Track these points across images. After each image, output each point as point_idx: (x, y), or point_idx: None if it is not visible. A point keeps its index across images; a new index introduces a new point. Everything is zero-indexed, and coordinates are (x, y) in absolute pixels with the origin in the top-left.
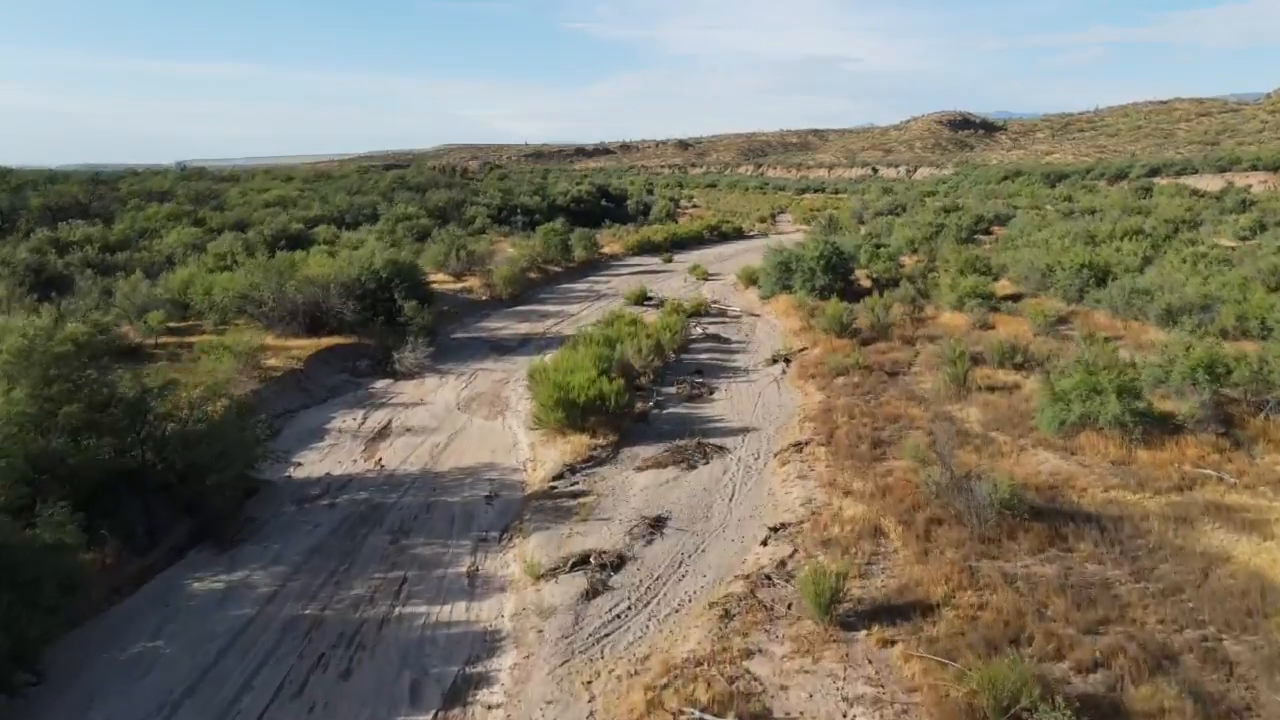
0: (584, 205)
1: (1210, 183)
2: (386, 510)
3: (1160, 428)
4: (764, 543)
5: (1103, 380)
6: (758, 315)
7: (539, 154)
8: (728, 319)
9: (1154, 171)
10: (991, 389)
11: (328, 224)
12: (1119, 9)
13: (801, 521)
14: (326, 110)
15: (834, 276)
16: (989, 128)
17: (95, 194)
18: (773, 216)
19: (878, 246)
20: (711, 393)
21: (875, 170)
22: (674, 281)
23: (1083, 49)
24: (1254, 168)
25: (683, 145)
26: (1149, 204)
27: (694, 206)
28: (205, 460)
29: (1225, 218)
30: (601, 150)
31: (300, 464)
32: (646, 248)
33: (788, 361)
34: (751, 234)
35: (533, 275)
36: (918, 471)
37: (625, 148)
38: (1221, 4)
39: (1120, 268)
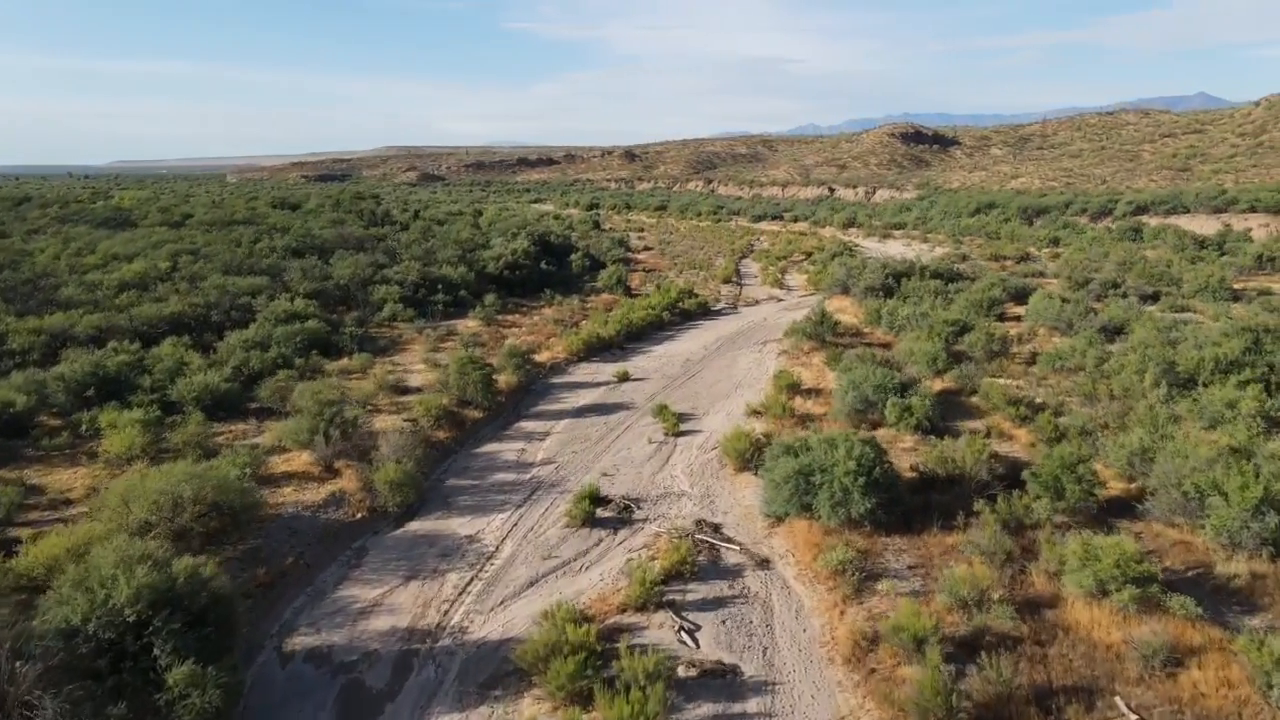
0: (520, 271)
1: (1204, 224)
2: None
3: None
4: None
5: None
6: (768, 563)
7: (480, 164)
8: (726, 579)
9: (1140, 209)
10: None
11: (183, 331)
12: (1055, 13)
13: None
14: (268, 109)
15: (877, 500)
16: (942, 141)
17: None
18: (737, 271)
19: (903, 389)
20: None
21: (832, 190)
22: (635, 441)
23: (1020, 52)
24: (1252, 208)
25: (629, 156)
26: (1158, 256)
27: (646, 249)
28: None
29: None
30: (545, 161)
31: None
32: (596, 347)
33: None
34: (718, 307)
35: (441, 435)
36: None
37: (570, 158)
38: (1148, 9)
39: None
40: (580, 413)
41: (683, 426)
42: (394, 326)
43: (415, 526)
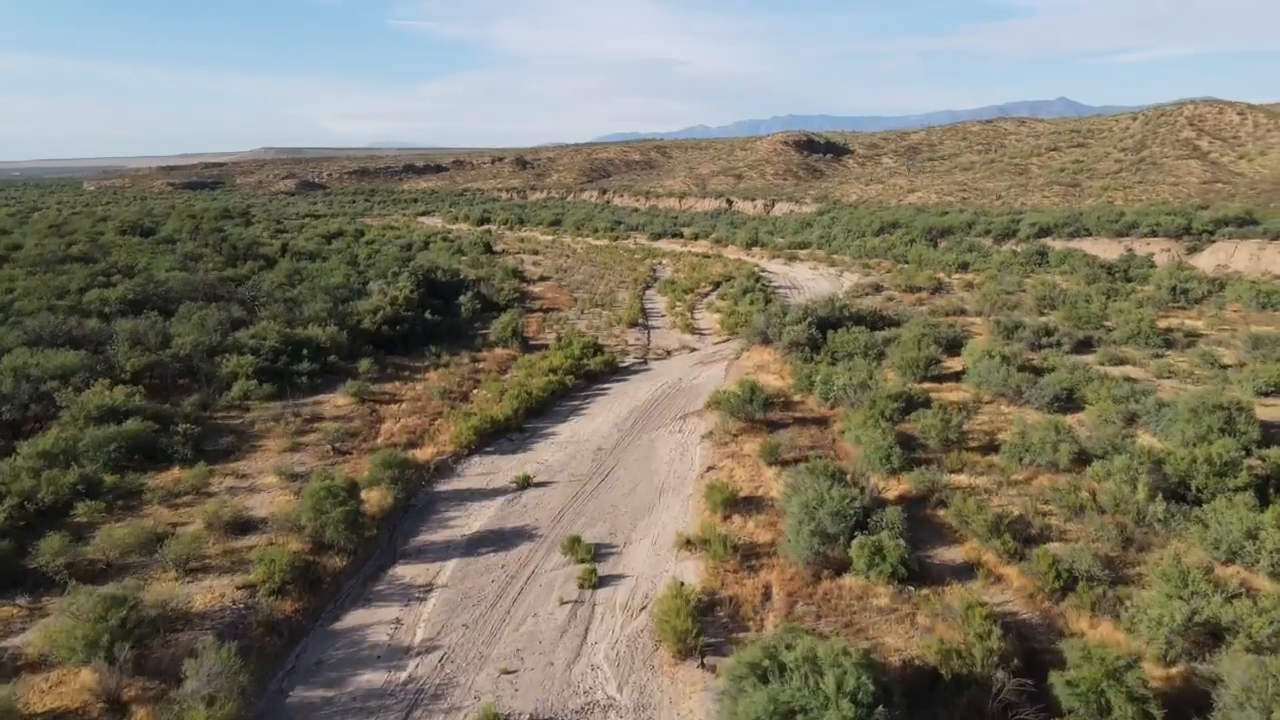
0: (402, 325)
1: (1108, 248)
2: None
3: None
4: None
5: None
6: None
7: (364, 171)
8: None
9: (1044, 231)
10: None
11: None
12: (926, 20)
13: None
14: (137, 107)
15: None
16: (835, 149)
17: None
18: (642, 310)
19: (866, 515)
20: None
21: (730, 203)
22: (542, 601)
23: (895, 57)
24: (1153, 232)
25: (521, 164)
26: (1074, 289)
27: (542, 278)
28: None
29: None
30: (433, 168)
31: None
32: (490, 433)
33: None
34: (627, 362)
35: (288, 607)
36: None
37: (459, 164)
38: (1013, 18)
39: None
40: (472, 547)
41: (601, 569)
42: (246, 408)
43: None
